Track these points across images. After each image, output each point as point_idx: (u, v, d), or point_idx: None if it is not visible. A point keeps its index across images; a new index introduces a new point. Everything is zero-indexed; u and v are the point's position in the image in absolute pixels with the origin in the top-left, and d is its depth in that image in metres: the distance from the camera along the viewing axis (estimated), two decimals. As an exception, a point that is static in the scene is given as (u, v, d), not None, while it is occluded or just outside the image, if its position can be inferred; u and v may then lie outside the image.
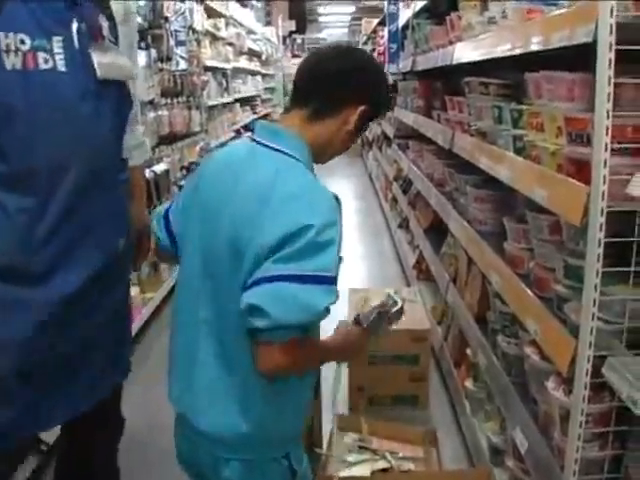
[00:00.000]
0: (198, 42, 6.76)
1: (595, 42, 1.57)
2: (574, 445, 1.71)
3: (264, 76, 14.04)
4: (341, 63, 1.67)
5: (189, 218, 1.67)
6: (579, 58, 1.76)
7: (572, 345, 1.71)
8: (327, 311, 1.48)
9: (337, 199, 1.56)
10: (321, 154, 1.69)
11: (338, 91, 1.64)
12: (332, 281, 1.47)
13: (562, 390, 1.83)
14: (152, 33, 4.99)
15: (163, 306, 4.88)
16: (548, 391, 1.89)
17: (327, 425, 2.85)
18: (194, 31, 6.55)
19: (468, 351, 3.06)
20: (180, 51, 5.64)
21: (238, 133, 9.61)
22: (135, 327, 4.39)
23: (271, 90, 15.36)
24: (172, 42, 5.46)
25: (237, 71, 9.98)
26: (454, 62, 3.30)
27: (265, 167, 1.55)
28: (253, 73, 12.14)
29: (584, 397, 1.67)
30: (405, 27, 5.87)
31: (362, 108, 1.64)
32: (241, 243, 1.49)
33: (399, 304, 1.89)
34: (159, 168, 5.10)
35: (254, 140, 1.64)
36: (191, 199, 1.69)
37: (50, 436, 2.90)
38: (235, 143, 1.79)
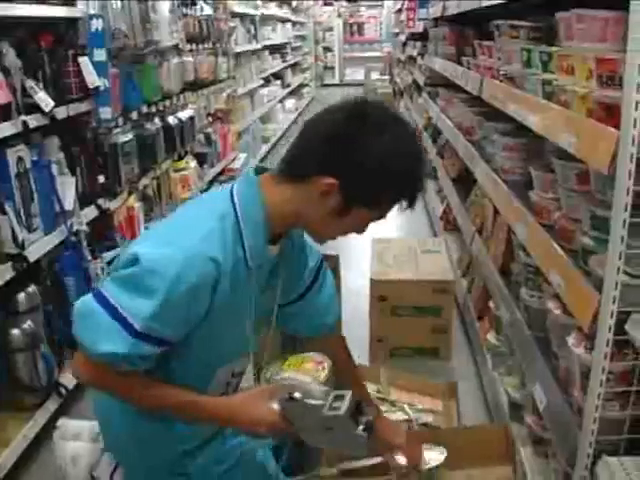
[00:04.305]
0: (224, -13, 6.60)
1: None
2: (594, 404, 1.64)
3: (294, 24, 13.76)
4: (328, 123, 1.42)
5: None
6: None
7: (595, 300, 1.63)
8: (112, 355, 1.37)
9: (216, 261, 1.37)
10: (294, 224, 1.51)
11: (306, 151, 1.43)
12: (133, 332, 1.36)
13: (583, 346, 1.75)
14: (176, -23, 4.86)
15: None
16: (569, 347, 1.82)
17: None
18: (220, -25, 6.39)
19: (491, 304, 2.99)
20: (204, -4, 5.50)
21: (267, 81, 9.49)
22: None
23: (302, 38, 15.07)
24: (196, -14, 5.33)
25: (266, 18, 9.78)
26: (482, 4, 3.14)
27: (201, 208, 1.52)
28: (283, 20, 11.91)
29: (606, 354, 1.60)
30: (437, -31, 5.65)
31: (329, 181, 1.37)
32: None
33: (342, 409, 1.37)
34: (184, 115, 5.03)
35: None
36: None
37: (70, 381, 2.92)
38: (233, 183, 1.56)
